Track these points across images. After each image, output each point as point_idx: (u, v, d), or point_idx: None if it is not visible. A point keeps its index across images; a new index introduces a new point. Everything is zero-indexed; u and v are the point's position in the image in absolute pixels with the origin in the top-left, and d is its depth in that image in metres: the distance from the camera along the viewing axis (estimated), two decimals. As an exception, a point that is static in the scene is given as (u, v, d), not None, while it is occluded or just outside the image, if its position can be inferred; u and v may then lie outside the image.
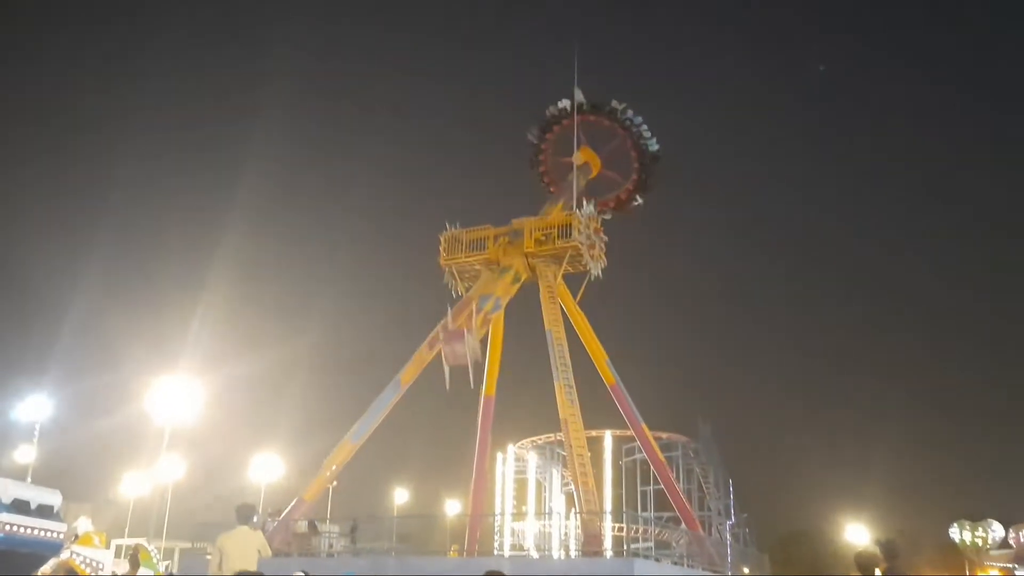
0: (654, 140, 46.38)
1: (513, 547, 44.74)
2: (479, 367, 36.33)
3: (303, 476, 40.65)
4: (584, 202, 40.57)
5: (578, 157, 45.77)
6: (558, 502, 49.34)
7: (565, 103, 46.38)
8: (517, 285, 39.70)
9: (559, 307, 39.15)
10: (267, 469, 51.03)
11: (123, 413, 43.86)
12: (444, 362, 34.63)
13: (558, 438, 42.88)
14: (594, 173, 46.77)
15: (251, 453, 51.85)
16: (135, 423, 41.92)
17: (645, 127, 46.13)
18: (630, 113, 46.07)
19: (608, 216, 46.21)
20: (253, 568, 11.82)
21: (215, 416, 45.55)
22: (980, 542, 52.08)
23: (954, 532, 53.03)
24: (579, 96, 46.01)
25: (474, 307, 36.94)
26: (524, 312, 40.48)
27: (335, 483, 42.93)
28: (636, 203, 47.46)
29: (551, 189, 46.71)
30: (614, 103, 46.25)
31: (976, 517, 52.33)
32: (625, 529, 41.53)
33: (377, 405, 38.36)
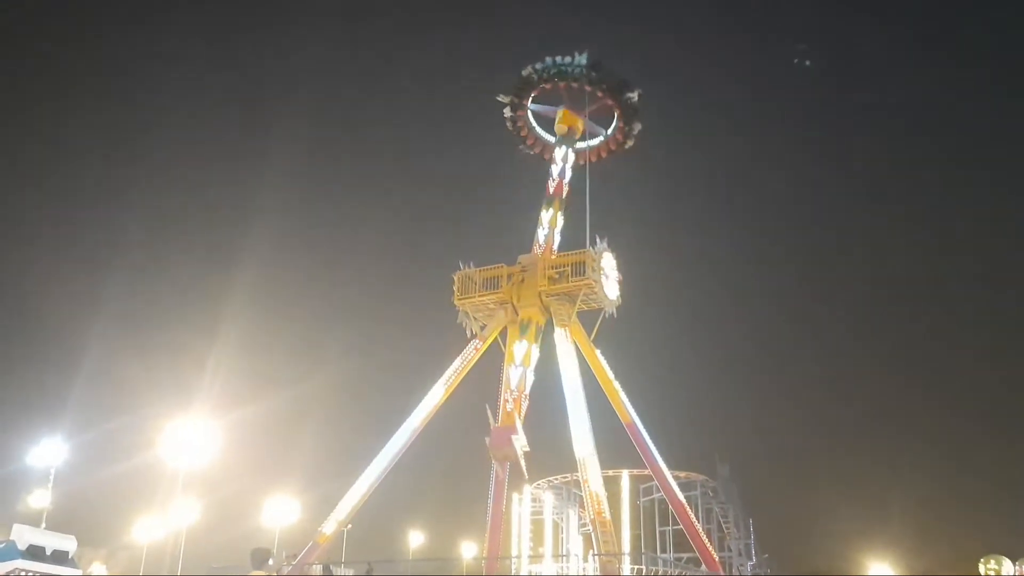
0: (576, 56, 44.40)
1: (530, 590, 44.08)
2: (527, 453, 37.46)
3: (317, 518, 40.33)
4: (598, 239, 40.46)
5: (559, 128, 45.29)
6: (575, 543, 48.68)
7: (505, 109, 45.90)
8: (539, 337, 39.73)
9: (574, 345, 38.97)
10: (282, 511, 50.62)
11: (138, 456, 43.69)
12: (493, 459, 36.48)
13: (575, 478, 42.40)
14: (581, 128, 45.65)
15: (266, 495, 51.51)
16: (150, 466, 41.73)
17: (558, 60, 44.42)
18: (538, 67, 44.77)
19: (639, 127, 45.52)
20: (268, 614, 11.60)
21: (230, 458, 45.32)
22: (993, 574, 50.94)
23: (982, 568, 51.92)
24: (503, 99, 45.59)
25: (509, 393, 38.09)
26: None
27: (350, 526, 42.52)
28: (632, 98, 44.90)
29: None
30: (523, 73, 45.17)
31: (1014, 553, 51.13)
32: (644, 571, 40.81)
33: (391, 446, 38.23)
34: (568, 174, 44.32)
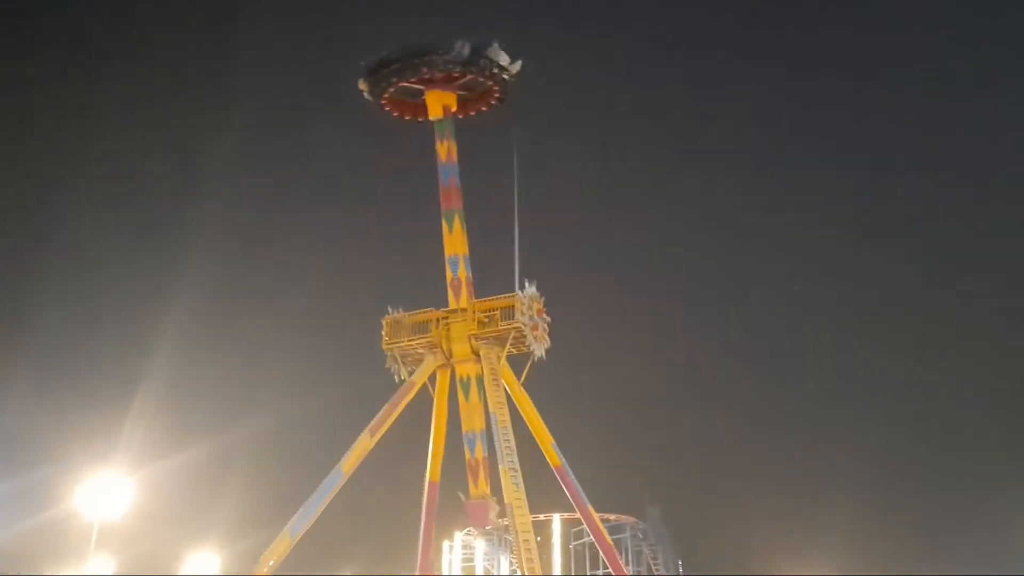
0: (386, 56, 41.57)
1: (461, 640, 43.37)
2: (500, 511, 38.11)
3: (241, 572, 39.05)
4: (527, 283, 40.67)
5: (433, 115, 42.52)
6: (507, 590, 48.20)
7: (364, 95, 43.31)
8: (482, 392, 39.53)
9: (503, 389, 38.96)
10: (202, 567, 48.85)
11: (50, 511, 41.76)
12: (471, 523, 37.30)
13: (506, 523, 42.09)
14: (455, 105, 43.07)
15: (185, 549, 49.70)
16: (62, 521, 39.91)
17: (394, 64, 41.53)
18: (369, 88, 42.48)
19: (511, 72, 41.98)
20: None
21: (147, 511, 43.62)
22: None
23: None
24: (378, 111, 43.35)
25: (471, 464, 38.53)
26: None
27: (274, 578, 41.21)
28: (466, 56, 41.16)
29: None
30: (361, 88, 42.89)
31: None
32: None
33: (318, 495, 37.32)
34: (457, 172, 42.06)
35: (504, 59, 41.54)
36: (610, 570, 40.90)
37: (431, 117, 42.56)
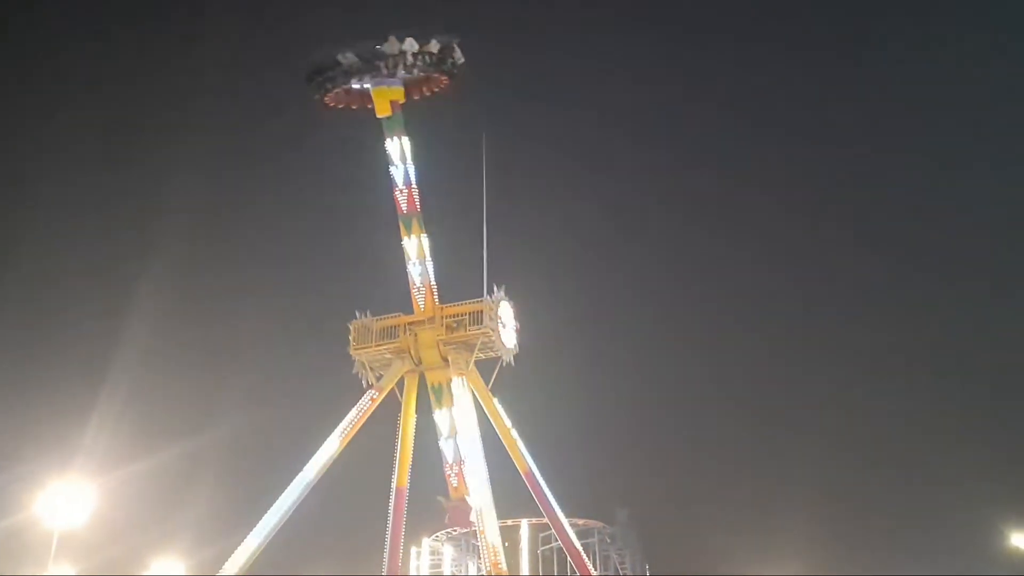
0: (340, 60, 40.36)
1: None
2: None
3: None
4: (495, 288, 40.70)
5: (380, 113, 40.94)
6: (475, 596, 48.16)
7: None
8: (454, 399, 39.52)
9: (471, 393, 38.99)
10: (163, 572, 48.19)
11: (9, 520, 41.02)
12: (449, 524, 38.64)
13: (474, 529, 42.06)
14: (402, 97, 41.23)
15: (149, 557, 49.00)
16: (21, 529, 39.19)
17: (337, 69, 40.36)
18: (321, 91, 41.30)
19: (432, 52, 40.20)
20: None
21: (110, 518, 42.98)
22: None
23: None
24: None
25: (449, 468, 39.15)
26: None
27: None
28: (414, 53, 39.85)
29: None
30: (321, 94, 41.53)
31: None
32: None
33: (284, 500, 37.10)
34: (413, 172, 40.86)
35: (411, 46, 39.66)
36: (578, 575, 40.96)
37: (379, 115, 40.79)
